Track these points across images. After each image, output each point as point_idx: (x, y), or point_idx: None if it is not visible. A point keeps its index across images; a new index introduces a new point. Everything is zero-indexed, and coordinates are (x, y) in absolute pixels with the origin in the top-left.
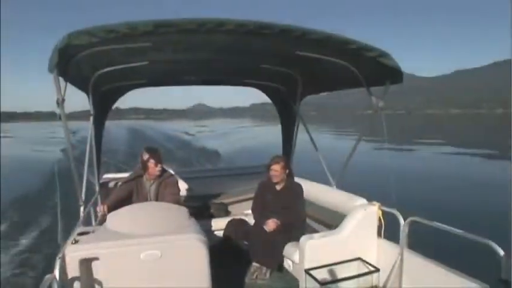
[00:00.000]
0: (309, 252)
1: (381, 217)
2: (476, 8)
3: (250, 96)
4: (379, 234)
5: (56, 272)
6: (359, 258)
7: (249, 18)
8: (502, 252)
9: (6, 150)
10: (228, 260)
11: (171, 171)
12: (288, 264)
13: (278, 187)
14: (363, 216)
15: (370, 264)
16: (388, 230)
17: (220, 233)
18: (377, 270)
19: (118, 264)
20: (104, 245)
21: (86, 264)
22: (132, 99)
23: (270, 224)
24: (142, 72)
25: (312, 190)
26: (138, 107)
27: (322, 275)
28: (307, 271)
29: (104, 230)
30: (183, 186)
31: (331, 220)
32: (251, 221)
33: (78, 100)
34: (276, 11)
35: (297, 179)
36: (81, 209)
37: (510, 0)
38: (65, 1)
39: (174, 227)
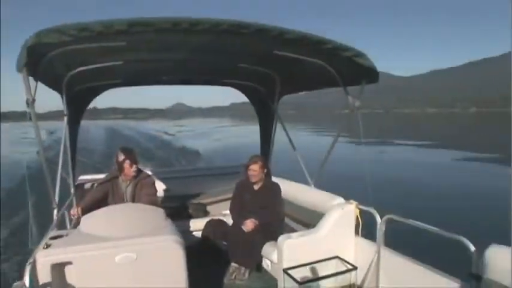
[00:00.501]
0: (287, 252)
1: (358, 216)
2: (451, 8)
3: (230, 95)
4: (356, 233)
5: (26, 279)
6: (337, 257)
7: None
8: (473, 248)
9: None
10: (207, 260)
11: (148, 172)
12: (266, 264)
13: (256, 187)
14: (340, 215)
15: (348, 263)
16: (365, 228)
17: (198, 234)
18: (355, 268)
19: (92, 268)
20: (77, 248)
21: (59, 269)
22: (110, 98)
23: (248, 224)
24: (117, 72)
25: (290, 189)
26: (116, 107)
27: (301, 274)
28: (285, 271)
29: (78, 233)
30: (160, 186)
31: (309, 219)
32: (230, 221)
33: (56, 99)
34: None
35: (275, 179)
36: (55, 212)
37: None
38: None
39: (149, 228)
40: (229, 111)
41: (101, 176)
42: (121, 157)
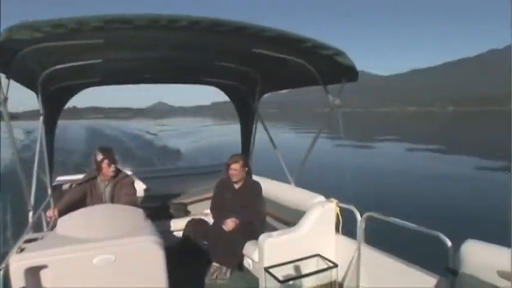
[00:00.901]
0: (268, 251)
1: (339, 213)
2: (429, 8)
3: (212, 94)
4: (337, 230)
5: None
6: (318, 255)
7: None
8: (449, 243)
9: None
10: (188, 260)
11: (128, 172)
12: (247, 263)
13: (237, 186)
14: (321, 213)
15: (329, 260)
16: (345, 226)
17: (179, 234)
18: (335, 265)
19: (69, 272)
20: (52, 251)
21: (33, 273)
22: (91, 98)
23: (229, 224)
24: (96, 70)
25: (271, 188)
26: (97, 106)
27: (282, 272)
28: (266, 269)
29: (54, 236)
30: (141, 186)
31: (290, 218)
32: (211, 220)
33: (34, 98)
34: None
35: (255, 178)
36: (30, 214)
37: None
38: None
39: (128, 229)
40: (211, 110)
41: (80, 176)
42: (99, 157)
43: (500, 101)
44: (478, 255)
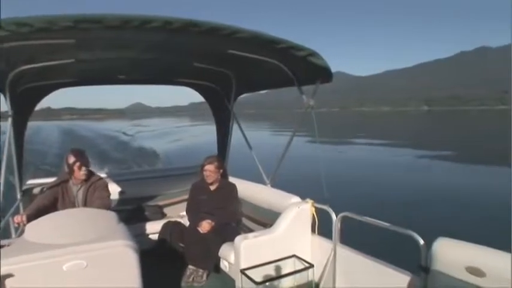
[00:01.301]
0: (244, 252)
1: (314, 214)
2: (403, 10)
3: (189, 95)
4: (313, 231)
5: None
6: (294, 256)
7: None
8: (422, 242)
9: None
10: (164, 263)
11: (102, 174)
12: (224, 265)
13: (212, 187)
14: (296, 214)
15: (305, 261)
16: (321, 226)
17: (155, 237)
18: (311, 266)
19: (37, 280)
20: (19, 259)
21: None
22: (66, 98)
23: (204, 226)
24: (69, 71)
25: (247, 189)
26: (72, 107)
27: (258, 274)
28: (242, 271)
29: (21, 242)
30: (116, 189)
31: (266, 219)
32: (187, 223)
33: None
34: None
35: (231, 179)
36: None
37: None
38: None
39: (100, 233)
40: (188, 110)
41: (53, 179)
42: (71, 159)
43: (468, 102)
44: (449, 253)
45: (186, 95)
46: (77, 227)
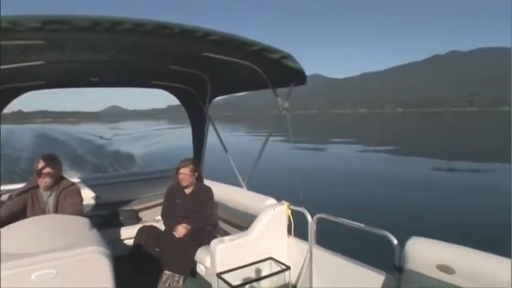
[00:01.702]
0: (220, 256)
1: (290, 216)
2: (377, 13)
3: (166, 98)
4: (289, 233)
5: None
6: (270, 258)
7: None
8: (395, 241)
9: None
10: (139, 269)
11: (75, 179)
12: (200, 269)
13: (187, 191)
14: (272, 216)
15: (282, 263)
16: (297, 228)
17: (130, 242)
18: (288, 268)
19: None
20: None
21: None
22: (39, 101)
23: (180, 230)
24: (39, 73)
25: (222, 192)
26: (46, 110)
27: (235, 277)
28: (219, 275)
29: None
30: (90, 194)
31: (242, 222)
32: (163, 227)
33: None
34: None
35: (207, 182)
36: None
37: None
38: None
39: (71, 240)
40: (166, 113)
41: (23, 185)
42: (41, 164)
43: (441, 103)
44: (421, 252)
45: (164, 98)
46: (46, 235)
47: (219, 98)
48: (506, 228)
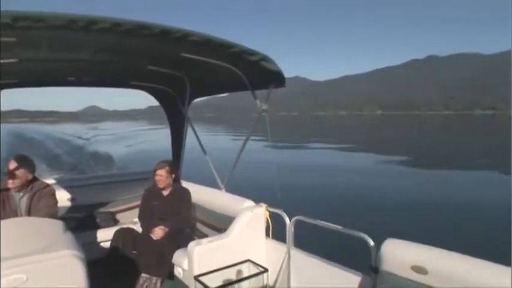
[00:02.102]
0: (197, 258)
1: (268, 218)
2: (359, 18)
3: (147, 98)
4: (267, 235)
5: None
6: (248, 260)
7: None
8: (372, 243)
9: None
10: (116, 272)
11: (50, 180)
12: (178, 272)
13: (165, 193)
14: (250, 218)
15: (260, 265)
16: (275, 230)
17: (107, 244)
18: (266, 270)
19: None
20: None
21: None
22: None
23: (157, 232)
24: (12, 71)
25: (200, 194)
26: (22, 109)
27: (213, 280)
28: (196, 278)
29: None
30: (65, 195)
31: (220, 224)
32: (140, 229)
33: None
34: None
35: (185, 184)
36: None
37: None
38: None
39: (44, 244)
40: (146, 114)
41: None
42: (13, 165)
43: (419, 106)
44: (396, 253)
45: (144, 99)
46: (17, 238)
47: (200, 99)
48: (480, 230)
